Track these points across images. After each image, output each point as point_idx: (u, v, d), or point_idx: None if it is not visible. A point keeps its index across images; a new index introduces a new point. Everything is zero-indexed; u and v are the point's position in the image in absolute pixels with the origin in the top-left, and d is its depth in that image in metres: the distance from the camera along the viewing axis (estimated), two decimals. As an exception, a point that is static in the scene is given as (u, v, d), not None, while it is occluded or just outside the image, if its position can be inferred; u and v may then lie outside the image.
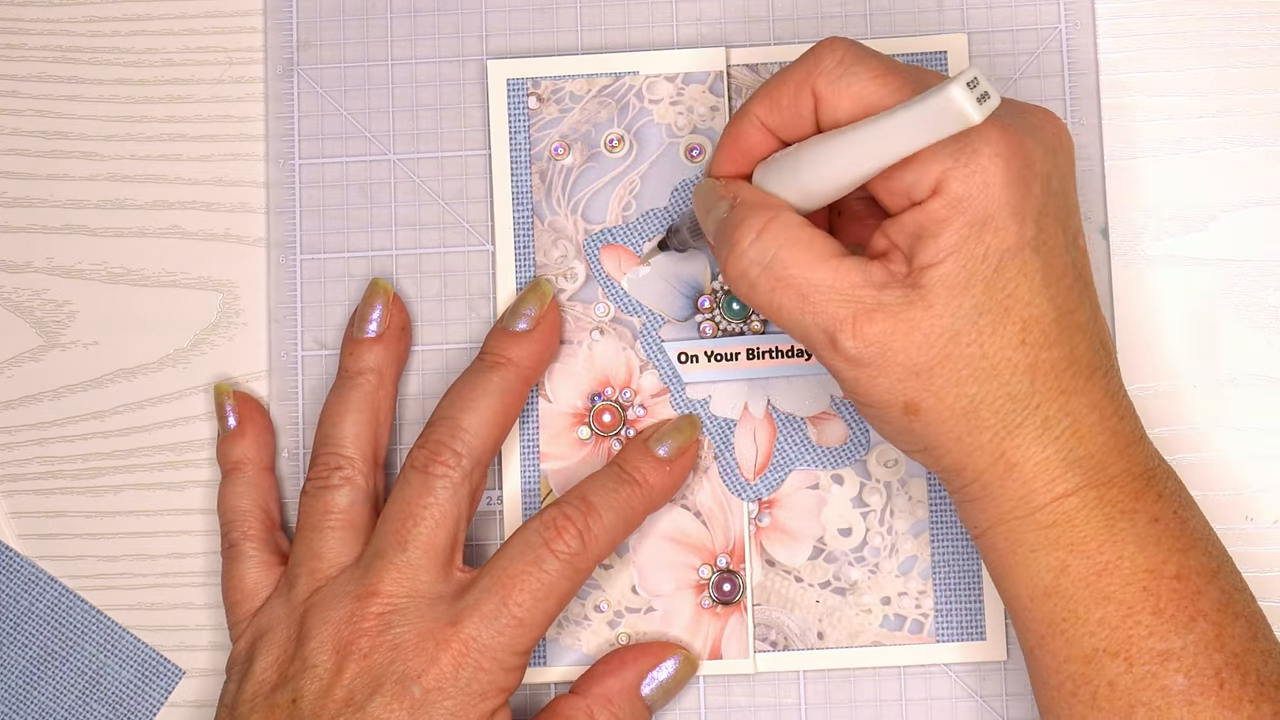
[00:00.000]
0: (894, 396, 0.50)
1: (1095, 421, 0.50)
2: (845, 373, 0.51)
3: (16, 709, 0.61)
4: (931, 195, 0.49)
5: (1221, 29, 0.61)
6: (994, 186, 0.49)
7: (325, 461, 0.58)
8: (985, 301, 0.49)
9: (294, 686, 0.54)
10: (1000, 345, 0.49)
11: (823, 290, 0.50)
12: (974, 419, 0.50)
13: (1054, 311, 0.50)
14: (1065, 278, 0.50)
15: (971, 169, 0.49)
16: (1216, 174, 0.61)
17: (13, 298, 0.63)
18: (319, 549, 0.57)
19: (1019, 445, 0.50)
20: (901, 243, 0.50)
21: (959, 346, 0.49)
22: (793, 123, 0.52)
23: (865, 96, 0.50)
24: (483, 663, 0.54)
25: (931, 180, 0.49)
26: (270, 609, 0.57)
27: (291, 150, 0.62)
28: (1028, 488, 0.50)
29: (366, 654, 0.54)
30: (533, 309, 0.59)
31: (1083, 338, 0.51)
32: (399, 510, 0.56)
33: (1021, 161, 0.49)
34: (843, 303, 0.50)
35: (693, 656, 0.59)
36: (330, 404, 0.59)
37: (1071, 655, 0.50)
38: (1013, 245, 0.49)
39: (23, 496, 0.62)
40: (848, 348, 0.50)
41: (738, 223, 0.52)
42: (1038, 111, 0.52)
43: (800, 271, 0.50)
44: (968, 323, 0.49)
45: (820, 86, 0.51)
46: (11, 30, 0.64)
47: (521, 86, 0.62)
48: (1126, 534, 0.50)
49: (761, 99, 0.53)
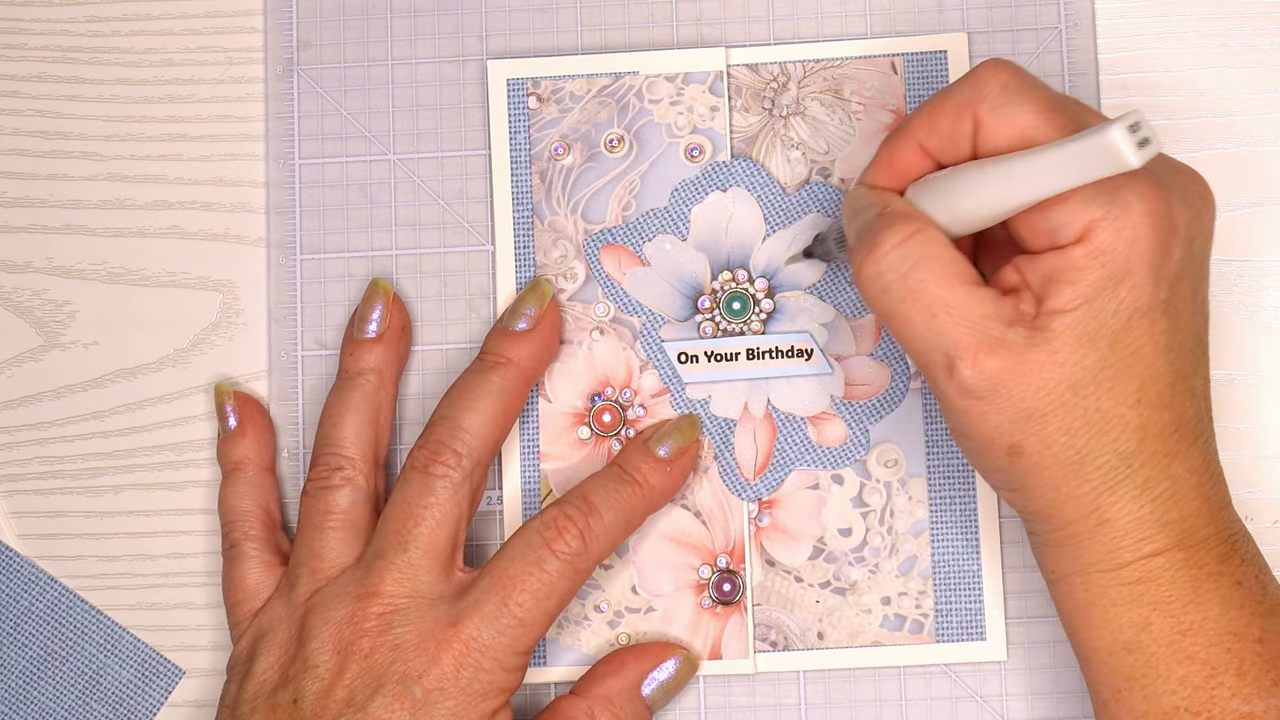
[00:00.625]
0: (1001, 435, 0.50)
1: (1193, 486, 0.50)
2: (956, 401, 0.50)
3: (16, 709, 0.61)
4: (1076, 241, 0.48)
5: (1221, 29, 0.61)
6: (1140, 243, 0.48)
7: (326, 462, 0.58)
8: (1109, 356, 0.49)
9: (295, 686, 0.54)
10: (1115, 402, 0.49)
11: (953, 312, 0.49)
12: (1077, 470, 0.50)
13: (1171, 374, 0.50)
14: (1188, 342, 0.50)
15: (1122, 222, 0.48)
16: (1216, 174, 0.61)
17: (13, 298, 0.63)
18: (320, 549, 0.57)
19: (1115, 502, 0.50)
20: (1034, 282, 0.49)
21: (1076, 397, 0.49)
22: (950, 146, 0.51)
23: (1027, 130, 0.49)
24: (483, 663, 0.54)
25: (1080, 226, 0.48)
26: (271, 609, 0.57)
27: (291, 150, 0.62)
28: (1117, 544, 0.50)
29: (368, 654, 0.54)
30: (532, 309, 0.59)
31: (1192, 403, 0.50)
32: (400, 510, 0.56)
33: (1169, 222, 0.49)
34: (970, 329, 0.49)
35: (693, 656, 0.59)
36: (330, 404, 0.59)
37: (1150, 711, 0.50)
38: (1145, 305, 0.49)
39: (23, 496, 0.62)
40: (965, 376, 0.49)
41: (884, 226, 0.51)
42: (1188, 171, 0.51)
43: (936, 287, 0.50)
44: (1088, 375, 0.49)
45: (982, 113, 0.50)
46: (11, 30, 0.64)
47: (521, 86, 0.62)
48: (1212, 596, 0.50)
49: (921, 119, 0.52)
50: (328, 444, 0.58)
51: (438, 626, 0.54)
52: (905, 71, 0.61)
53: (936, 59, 0.61)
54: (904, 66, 0.61)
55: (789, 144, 0.61)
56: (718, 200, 0.61)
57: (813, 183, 0.61)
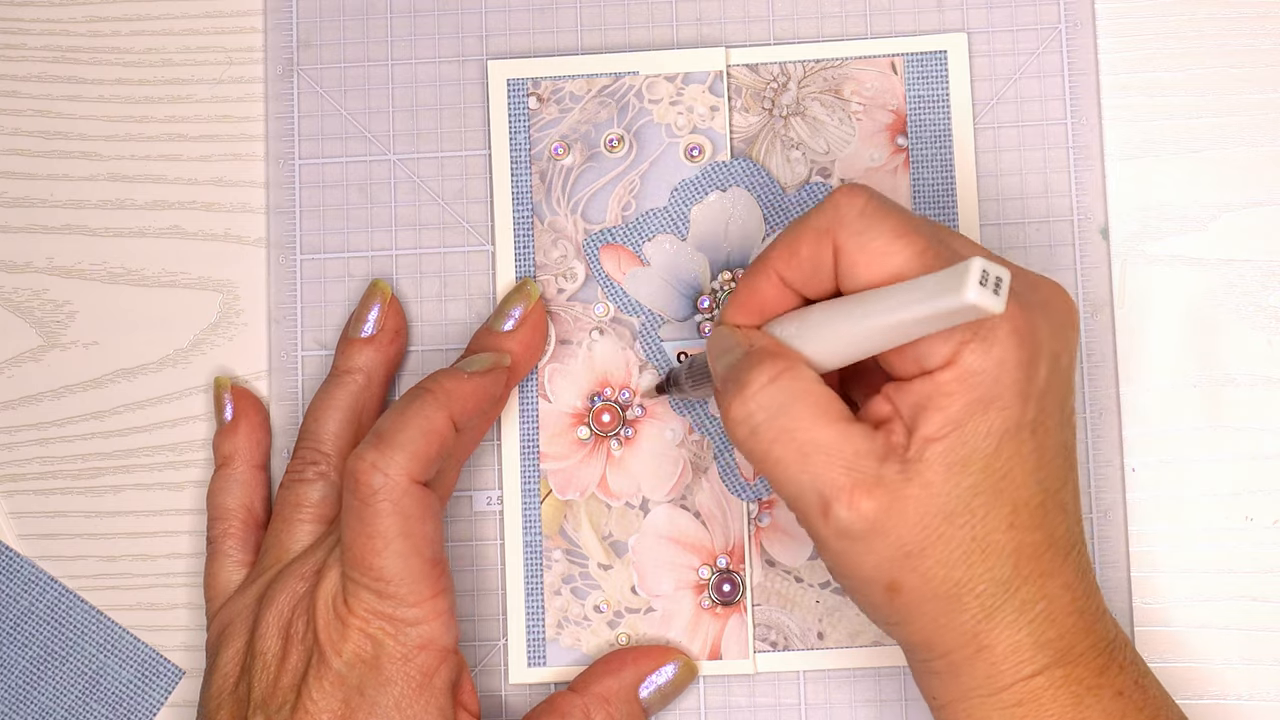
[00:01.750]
0: (880, 574, 0.49)
1: (1068, 602, 0.50)
2: (832, 543, 0.49)
3: (16, 709, 0.61)
4: (944, 366, 0.48)
5: (1221, 29, 0.61)
6: (1007, 364, 0.48)
7: (303, 456, 0.58)
8: (981, 482, 0.48)
9: (249, 678, 0.54)
10: (990, 528, 0.48)
11: (826, 452, 0.48)
12: (955, 602, 0.49)
13: (1042, 493, 0.49)
14: (1056, 458, 0.50)
15: (989, 344, 0.48)
16: (1216, 174, 0.61)
17: (13, 298, 0.63)
18: (287, 542, 0.57)
19: (994, 628, 0.49)
20: (904, 411, 0.49)
21: (951, 527, 0.48)
22: (811, 277, 0.51)
23: (887, 256, 0.49)
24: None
25: (947, 351, 0.48)
26: (233, 602, 0.57)
27: (291, 150, 0.62)
28: (996, 668, 0.49)
29: (302, 636, 0.54)
30: (519, 309, 0.59)
31: (1063, 518, 0.50)
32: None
33: (1034, 341, 0.48)
34: (844, 470, 0.48)
35: (693, 663, 0.59)
36: (316, 400, 0.59)
37: None
38: (1014, 426, 0.48)
39: (23, 496, 0.62)
40: (842, 518, 0.48)
41: (751, 365, 0.50)
42: (1048, 286, 0.51)
43: (807, 427, 0.49)
44: (962, 503, 0.48)
45: (841, 239, 0.49)
46: (11, 30, 0.64)
47: (521, 87, 0.62)
48: (1094, 710, 0.50)
49: (780, 250, 0.51)
50: (307, 438, 0.58)
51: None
52: (905, 71, 0.61)
53: (936, 59, 0.61)
54: (904, 66, 0.61)
55: (789, 144, 0.61)
56: (717, 200, 0.61)
57: (813, 183, 0.61)
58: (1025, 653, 0.49)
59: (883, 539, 0.48)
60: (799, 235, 0.50)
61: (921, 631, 0.50)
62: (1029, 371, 0.48)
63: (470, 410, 0.55)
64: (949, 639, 0.49)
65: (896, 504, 0.48)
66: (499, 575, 0.60)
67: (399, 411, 0.54)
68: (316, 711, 0.52)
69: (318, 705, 0.53)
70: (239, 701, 0.54)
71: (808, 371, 0.50)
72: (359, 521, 0.53)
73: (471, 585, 0.60)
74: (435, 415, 0.53)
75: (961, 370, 0.48)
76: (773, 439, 0.49)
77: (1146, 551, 0.60)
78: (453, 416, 0.54)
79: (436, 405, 0.54)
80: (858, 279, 0.49)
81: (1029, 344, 0.48)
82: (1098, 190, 0.60)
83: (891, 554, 0.48)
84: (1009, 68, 0.61)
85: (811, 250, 0.50)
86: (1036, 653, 0.49)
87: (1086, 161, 0.60)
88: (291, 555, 0.57)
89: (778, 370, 0.49)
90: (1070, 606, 0.50)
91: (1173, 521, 0.60)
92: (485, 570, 0.61)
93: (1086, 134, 0.61)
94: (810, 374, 0.50)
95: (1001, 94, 0.61)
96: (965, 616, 0.49)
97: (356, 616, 0.53)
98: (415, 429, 0.53)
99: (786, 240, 0.51)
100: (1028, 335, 0.48)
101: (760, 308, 0.52)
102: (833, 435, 0.49)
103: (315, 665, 0.53)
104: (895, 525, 0.48)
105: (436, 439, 0.53)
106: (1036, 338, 0.48)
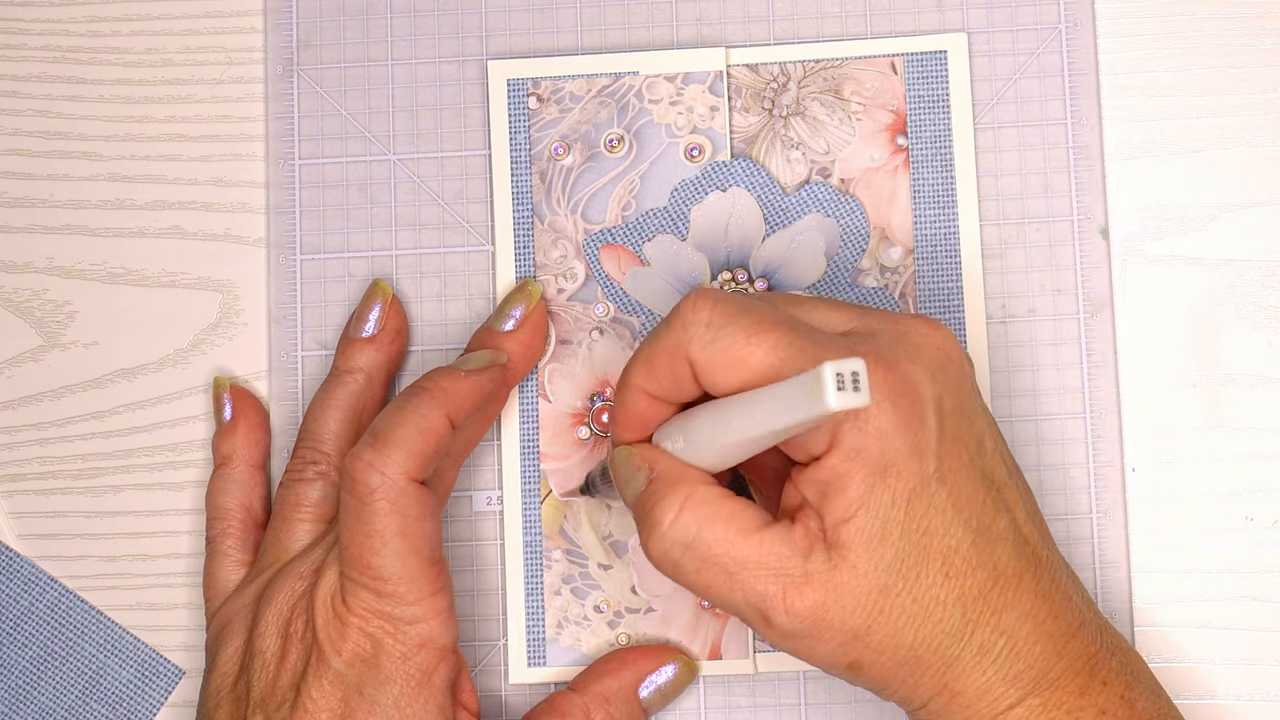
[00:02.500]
0: (835, 659, 0.49)
1: (1029, 631, 0.50)
2: (783, 645, 0.50)
3: (16, 709, 0.61)
4: (828, 450, 0.48)
5: (1221, 29, 0.61)
6: (888, 432, 0.48)
7: (302, 455, 0.58)
8: (905, 547, 0.48)
9: (247, 676, 0.54)
10: (927, 586, 0.49)
11: (749, 567, 0.49)
12: (916, 664, 0.49)
13: (970, 535, 0.49)
14: (977, 495, 0.49)
15: (863, 418, 0.48)
16: (1216, 174, 0.61)
17: (13, 298, 0.63)
18: (286, 541, 0.57)
19: (959, 675, 0.49)
20: (811, 497, 0.49)
21: (889, 599, 0.48)
22: (674, 390, 0.51)
23: (741, 361, 0.48)
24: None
25: (826, 435, 0.48)
26: (231, 603, 0.57)
27: (291, 150, 0.62)
28: (972, 710, 0.49)
29: (301, 635, 0.54)
30: (519, 309, 0.59)
31: (1004, 548, 0.50)
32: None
33: (910, 398, 0.48)
34: (771, 578, 0.48)
35: (693, 662, 0.59)
36: (316, 399, 0.59)
37: None
38: (917, 485, 0.48)
39: (23, 496, 0.62)
40: (781, 623, 0.49)
41: (655, 501, 0.50)
42: (917, 329, 0.51)
43: (724, 549, 0.49)
44: (892, 574, 0.48)
45: (693, 352, 0.49)
46: (11, 30, 0.64)
47: (521, 87, 0.62)
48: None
49: (638, 371, 0.51)
50: (307, 438, 0.58)
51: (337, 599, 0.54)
52: (905, 71, 0.61)
53: (936, 59, 0.61)
54: (904, 66, 0.61)
55: (789, 144, 0.61)
56: (717, 200, 0.61)
57: (812, 183, 0.61)
58: (996, 691, 0.49)
59: (828, 629, 0.49)
60: (653, 355, 0.50)
61: (896, 693, 0.50)
62: (914, 428, 0.48)
63: (467, 408, 0.55)
64: (922, 693, 0.50)
65: (831, 594, 0.48)
66: (499, 575, 0.60)
67: (395, 410, 0.54)
68: (316, 710, 0.53)
69: (317, 704, 0.53)
70: (238, 700, 0.54)
71: (710, 490, 0.50)
72: (357, 520, 0.53)
73: (471, 585, 0.60)
74: (432, 414, 0.54)
75: (846, 450, 0.48)
76: (696, 569, 0.49)
77: (1146, 551, 0.60)
78: (449, 415, 0.54)
79: (433, 404, 0.54)
80: (718, 387, 0.49)
81: (905, 403, 0.48)
82: (1098, 190, 0.60)
83: (841, 639, 0.49)
84: (1009, 68, 0.61)
85: (667, 368, 0.50)
86: (1008, 688, 0.49)
87: (1086, 161, 0.60)
88: (290, 554, 0.57)
89: (680, 500, 0.49)
90: (1034, 634, 0.50)
91: (1173, 521, 0.60)
92: (485, 570, 0.61)
93: (1086, 134, 0.61)
94: (713, 492, 0.50)
95: (1001, 94, 0.61)
96: (930, 672, 0.49)
97: (355, 615, 0.53)
98: (412, 427, 0.53)
99: (643, 360, 0.51)
100: (903, 395, 0.48)
101: (641, 423, 0.52)
102: (751, 548, 0.49)
103: (314, 664, 0.53)
104: (835, 614, 0.48)
105: (433, 437, 0.53)
106: (914, 394, 0.48)
